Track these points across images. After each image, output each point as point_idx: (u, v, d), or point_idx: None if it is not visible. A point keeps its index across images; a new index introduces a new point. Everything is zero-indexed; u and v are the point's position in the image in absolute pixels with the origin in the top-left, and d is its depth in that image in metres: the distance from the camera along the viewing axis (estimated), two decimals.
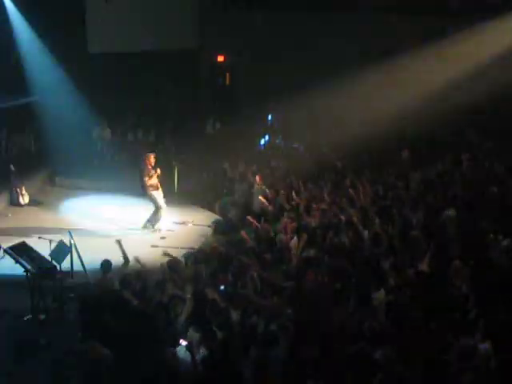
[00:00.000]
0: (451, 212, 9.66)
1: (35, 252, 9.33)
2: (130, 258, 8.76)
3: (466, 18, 15.82)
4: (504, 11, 15.57)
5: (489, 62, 15.32)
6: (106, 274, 8.40)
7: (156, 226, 12.07)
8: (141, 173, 12.02)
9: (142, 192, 12.14)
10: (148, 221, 12.10)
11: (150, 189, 11.95)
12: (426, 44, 15.79)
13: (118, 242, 8.94)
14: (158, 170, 12.05)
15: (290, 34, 17.65)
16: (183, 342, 6.72)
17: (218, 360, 6.38)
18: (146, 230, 12.06)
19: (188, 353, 6.55)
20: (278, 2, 18.38)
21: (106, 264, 8.46)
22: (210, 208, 13.36)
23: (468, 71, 15.36)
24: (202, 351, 6.71)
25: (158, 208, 12.05)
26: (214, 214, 12.82)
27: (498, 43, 15.54)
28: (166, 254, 8.97)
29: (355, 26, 17.08)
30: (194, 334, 6.95)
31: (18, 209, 13.35)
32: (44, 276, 9.06)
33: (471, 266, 7.81)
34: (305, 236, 8.99)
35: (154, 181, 11.98)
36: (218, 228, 12.01)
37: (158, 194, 12.08)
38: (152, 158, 12.08)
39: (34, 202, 13.67)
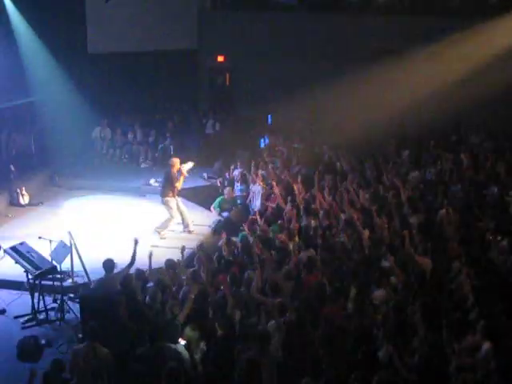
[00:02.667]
0: (445, 211, 9.69)
1: (35, 252, 9.34)
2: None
3: (466, 18, 15.83)
4: (504, 11, 15.58)
5: (489, 62, 15.31)
6: (108, 273, 8.38)
7: (162, 233, 11.75)
8: (167, 180, 11.80)
9: (162, 200, 11.86)
10: (158, 227, 11.83)
11: (170, 194, 11.71)
12: (426, 44, 15.79)
13: (135, 241, 8.93)
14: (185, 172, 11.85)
15: (291, 34, 17.65)
16: (182, 341, 6.74)
17: (217, 358, 6.39)
18: (155, 235, 11.73)
19: (186, 352, 6.57)
20: (278, 3, 18.41)
21: (109, 264, 8.43)
22: (209, 208, 13.35)
23: (468, 71, 15.36)
24: (201, 350, 6.74)
25: (171, 217, 11.82)
26: (214, 214, 12.81)
27: (498, 43, 15.53)
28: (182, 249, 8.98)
29: (355, 26, 17.08)
30: (192, 333, 6.97)
31: (18, 209, 13.34)
32: (44, 276, 9.07)
33: (471, 266, 7.81)
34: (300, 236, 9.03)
35: (179, 186, 11.82)
36: (218, 228, 12.03)
37: (174, 202, 11.83)
38: (178, 163, 11.86)
39: (34, 202, 13.66)
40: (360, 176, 11.96)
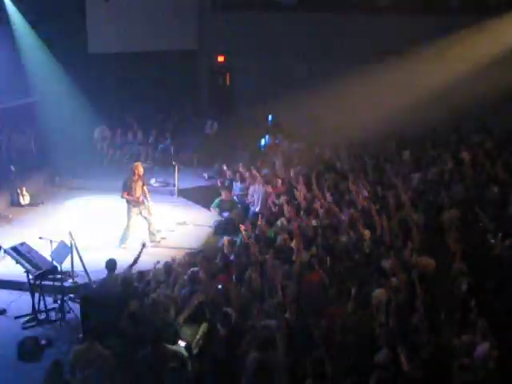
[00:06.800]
0: (453, 211, 9.68)
1: (36, 252, 9.34)
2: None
3: (467, 18, 15.83)
4: (504, 11, 15.57)
5: (489, 61, 15.31)
6: (110, 273, 8.36)
7: (123, 246, 11.16)
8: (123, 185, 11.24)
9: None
10: (121, 240, 11.26)
11: (133, 203, 11.20)
12: (426, 44, 15.78)
13: (143, 245, 9.04)
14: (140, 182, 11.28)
15: (291, 34, 17.64)
16: (181, 343, 6.75)
17: (218, 359, 6.40)
18: (121, 247, 11.16)
19: (186, 352, 6.58)
20: (277, 3, 18.40)
21: (111, 263, 8.42)
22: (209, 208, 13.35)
23: (468, 71, 15.35)
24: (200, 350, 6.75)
25: (127, 226, 11.28)
26: (214, 214, 12.81)
27: (499, 43, 15.53)
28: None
29: (355, 27, 17.07)
30: (191, 334, 6.97)
31: (18, 209, 13.34)
32: (44, 276, 9.07)
33: (471, 266, 7.81)
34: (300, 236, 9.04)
35: (137, 194, 11.18)
36: (218, 228, 12.04)
37: (135, 211, 11.25)
38: (140, 168, 11.46)
39: (34, 202, 13.65)
40: (360, 176, 11.95)
